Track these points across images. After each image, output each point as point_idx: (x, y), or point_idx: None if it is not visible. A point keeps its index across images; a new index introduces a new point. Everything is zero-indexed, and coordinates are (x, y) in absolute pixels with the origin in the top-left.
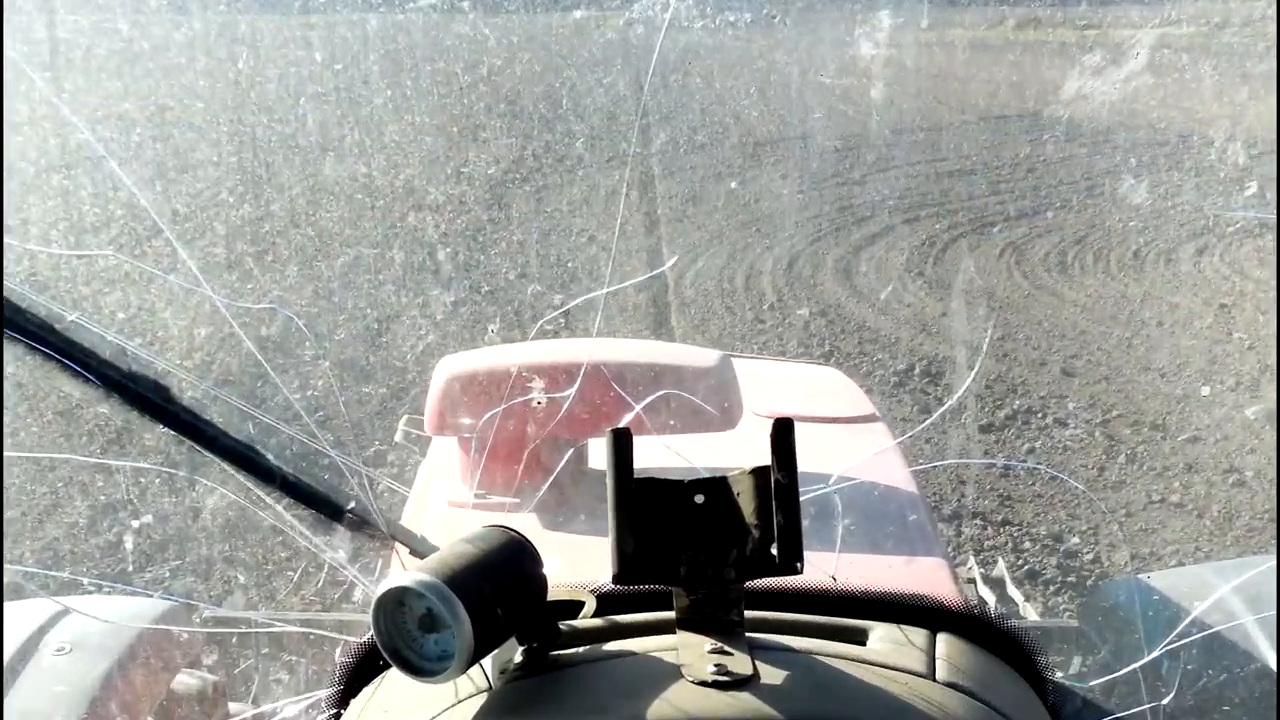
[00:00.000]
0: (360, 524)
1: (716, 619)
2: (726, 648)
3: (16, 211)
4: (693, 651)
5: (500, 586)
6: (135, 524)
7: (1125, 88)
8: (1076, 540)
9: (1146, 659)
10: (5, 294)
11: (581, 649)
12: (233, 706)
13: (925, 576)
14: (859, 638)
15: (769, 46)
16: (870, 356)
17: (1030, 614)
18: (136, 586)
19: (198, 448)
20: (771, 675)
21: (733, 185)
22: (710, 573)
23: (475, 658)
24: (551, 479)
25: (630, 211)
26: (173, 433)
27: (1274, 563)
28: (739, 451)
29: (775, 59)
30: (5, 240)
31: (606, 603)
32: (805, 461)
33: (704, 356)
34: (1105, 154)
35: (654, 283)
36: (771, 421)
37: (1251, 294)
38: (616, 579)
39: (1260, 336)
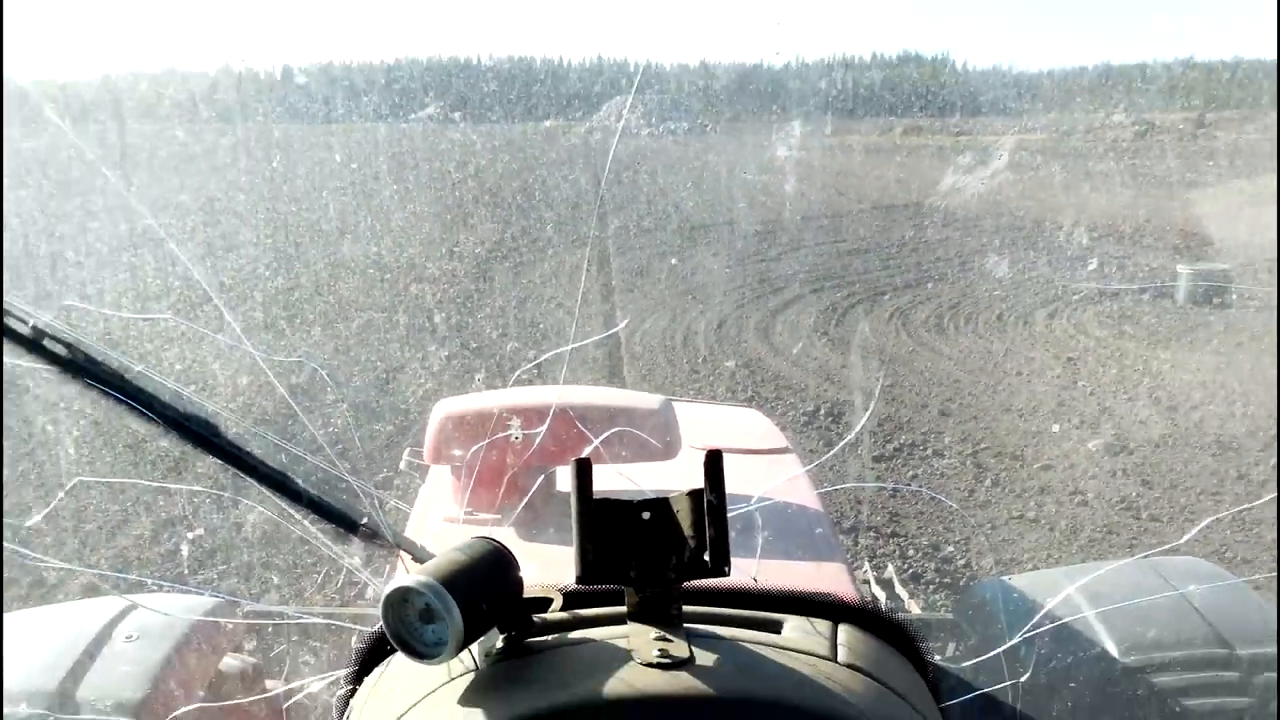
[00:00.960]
0: (372, 536)
1: (660, 612)
2: (668, 636)
3: (93, 283)
4: (641, 639)
5: (485, 586)
6: (190, 536)
7: (990, 183)
8: (951, 549)
9: (1008, 645)
10: (83, 349)
11: (551, 637)
12: (269, 684)
13: (829, 578)
14: (775, 628)
15: (703, 149)
16: (784, 400)
17: (914, 609)
18: (191, 586)
19: (240, 474)
20: (704, 658)
21: (673, 262)
22: (655, 575)
23: (464, 644)
24: (527, 499)
25: (590, 283)
26: (220, 462)
27: (1114, 566)
28: (678, 478)
29: (708, 160)
30: (85, 307)
31: (571, 599)
32: (732, 486)
33: (650, 400)
34: (974, 236)
35: (610, 340)
36: (704, 453)
37: (1093, 350)
38: (579, 580)
39: (1100, 384)
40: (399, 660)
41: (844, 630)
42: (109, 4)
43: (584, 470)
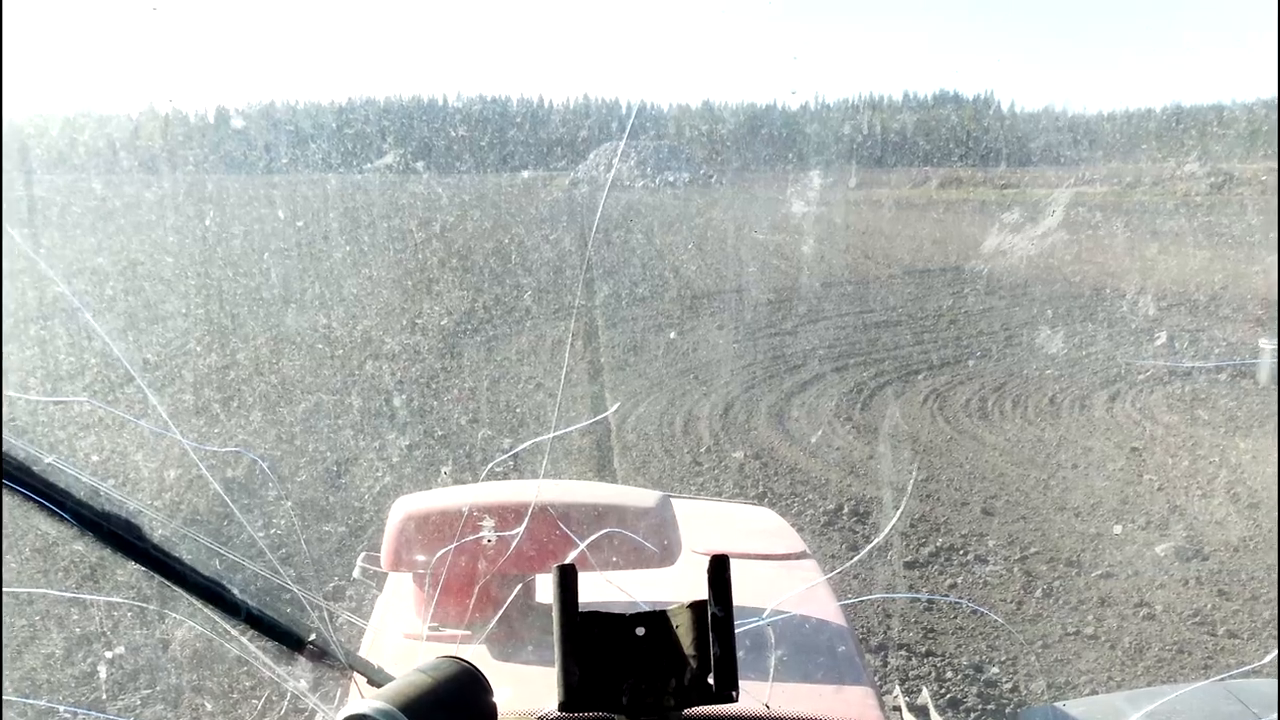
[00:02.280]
0: (320, 655)
1: None
2: None
3: None
4: None
5: (452, 713)
6: (109, 655)
7: (1042, 243)
8: (996, 670)
9: None
10: None
11: None
12: None
13: (853, 705)
14: None
15: (706, 205)
16: (801, 497)
17: None
18: (110, 715)
19: (167, 583)
20: None
21: (672, 335)
22: (651, 701)
23: None
24: (501, 612)
25: (575, 360)
26: (144, 569)
27: (1186, 689)
28: (678, 587)
29: (712, 216)
30: None
31: None
32: (740, 596)
33: (645, 497)
34: (1023, 305)
35: (598, 427)
36: (708, 559)
37: (1161, 438)
38: (562, 707)
39: (1169, 478)
40: None
41: None
42: (7, 35)
43: (568, 578)
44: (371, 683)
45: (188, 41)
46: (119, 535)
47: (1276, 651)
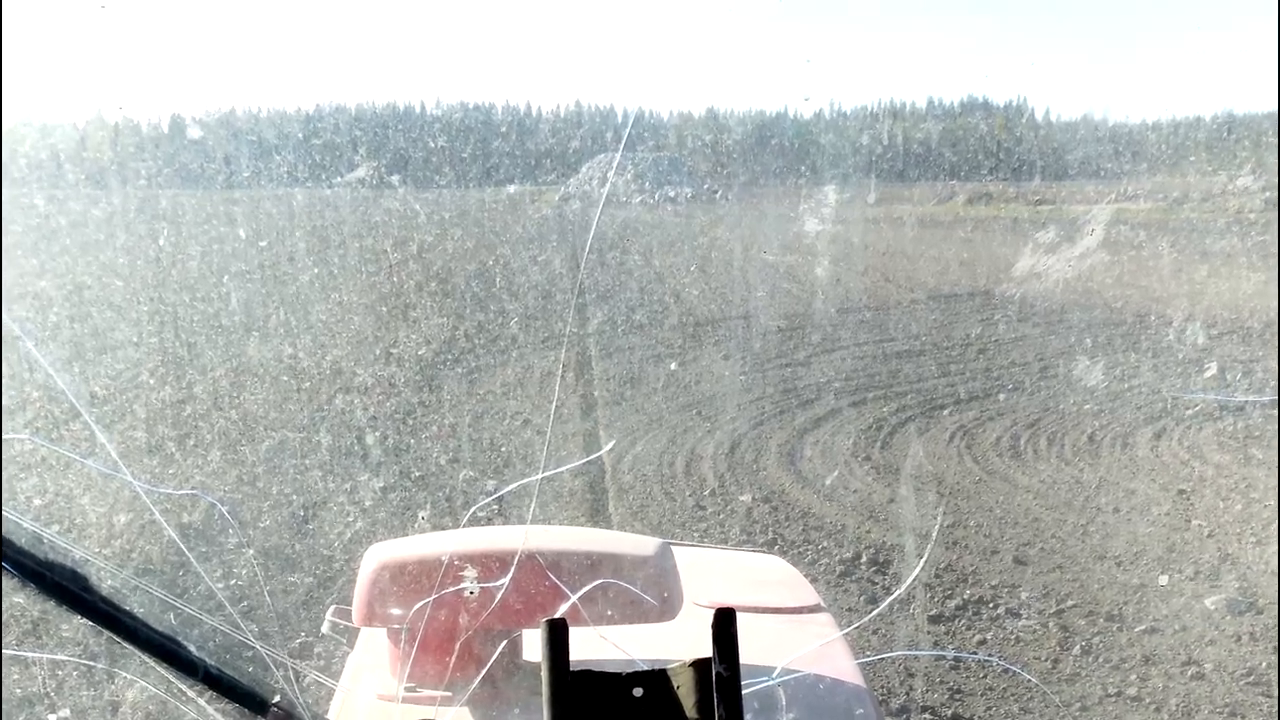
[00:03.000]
0: (286, 718)
1: None
2: None
3: None
4: None
5: None
6: (52, 718)
7: (1080, 265)
8: None
9: None
10: None
11: None
12: None
13: None
14: None
15: (710, 222)
16: (815, 544)
17: None
18: None
19: (117, 639)
20: None
21: (673, 366)
22: None
23: None
24: (484, 671)
25: (566, 394)
26: (91, 623)
27: None
28: (679, 643)
29: (717, 235)
30: None
31: None
32: (748, 653)
33: (643, 544)
34: (1059, 334)
35: (591, 468)
36: (713, 612)
37: (1211, 479)
38: None
39: (1220, 523)
40: None
41: None
42: None
43: (558, 634)
44: None
45: (139, 43)
46: (64, 586)
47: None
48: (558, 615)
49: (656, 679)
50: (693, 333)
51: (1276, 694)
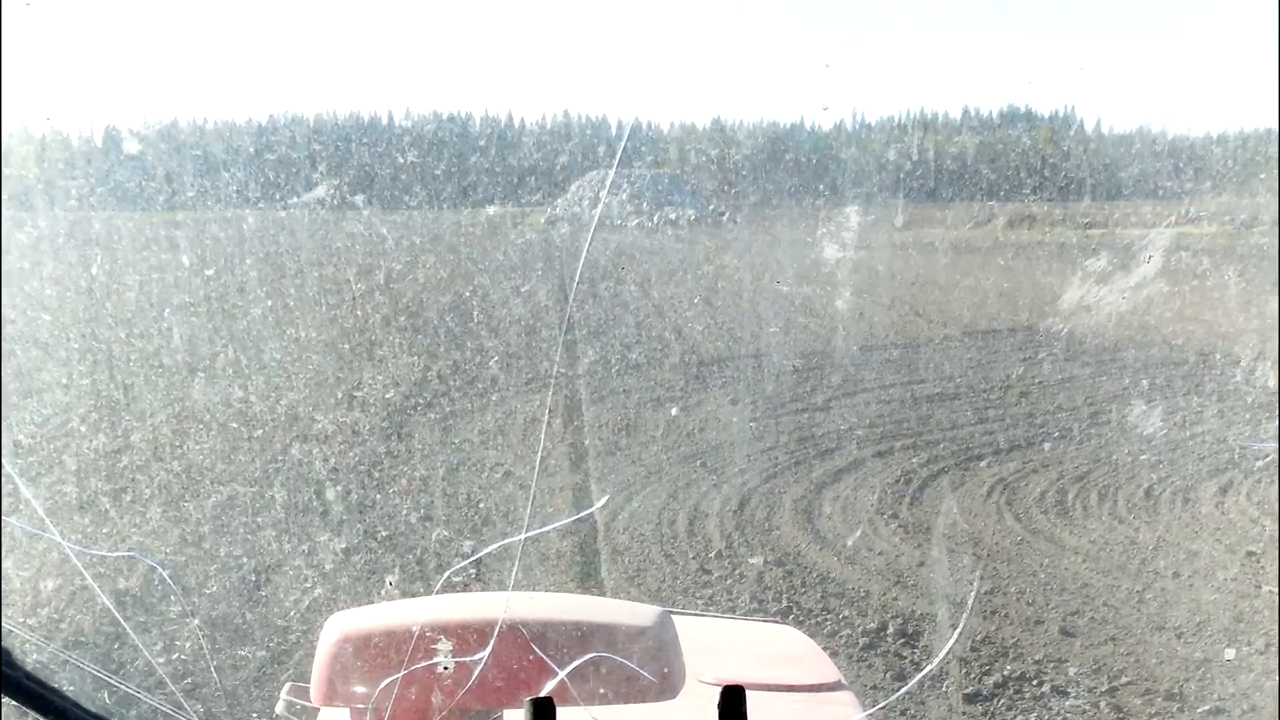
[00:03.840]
0: None
1: None
2: None
3: None
4: None
5: None
6: None
7: (1135, 296)
8: None
9: None
10: None
11: None
12: None
13: None
14: None
15: (716, 248)
16: (835, 613)
17: None
18: None
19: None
20: None
21: (674, 412)
22: None
23: None
24: None
25: (553, 443)
26: (14, 703)
27: None
28: None
29: (724, 263)
30: None
31: None
32: None
33: (640, 613)
34: (1112, 375)
35: (581, 526)
36: (719, 690)
37: None
38: None
39: None
40: None
41: None
42: None
43: (544, 714)
44: None
45: (70, 45)
46: None
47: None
48: (544, 693)
49: None
50: (696, 374)
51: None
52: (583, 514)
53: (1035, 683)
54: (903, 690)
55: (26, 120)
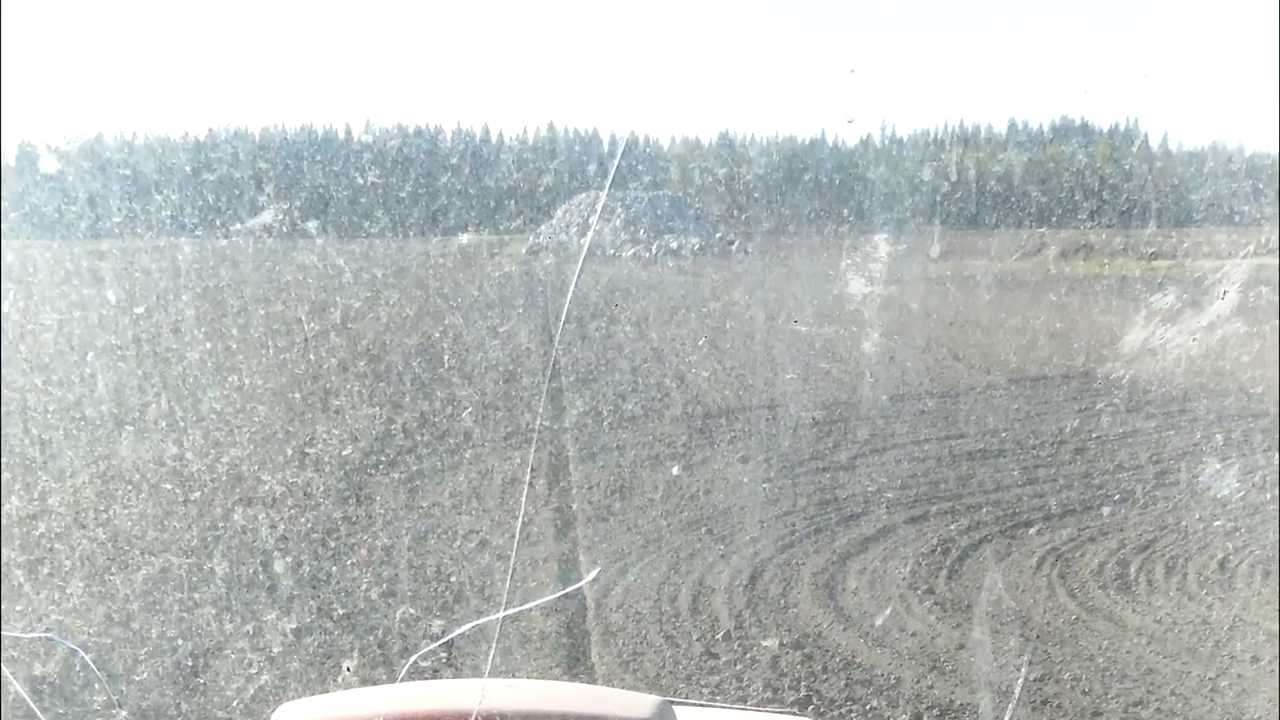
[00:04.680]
0: None
1: None
2: None
3: None
4: None
5: None
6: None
7: (1208, 338)
8: None
9: None
10: None
11: None
12: None
13: None
14: None
15: (724, 282)
16: (862, 703)
17: None
18: None
19: None
20: None
21: (675, 471)
22: None
23: None
24: None
25: (536, 507)
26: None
27: None
28: None
29: (733, 299)
30: None
31: None
32: None
33: (636, 704)
34: (1181, 428)
35: (568, 603)
36: None
37: None
38: None
39: None
40: None
41: None
42: None
43: None
44: None
45: None
46: None
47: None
48: None
49: None
50: (701, 427)
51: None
52: (570, 589)
53: None
54: None
55: None
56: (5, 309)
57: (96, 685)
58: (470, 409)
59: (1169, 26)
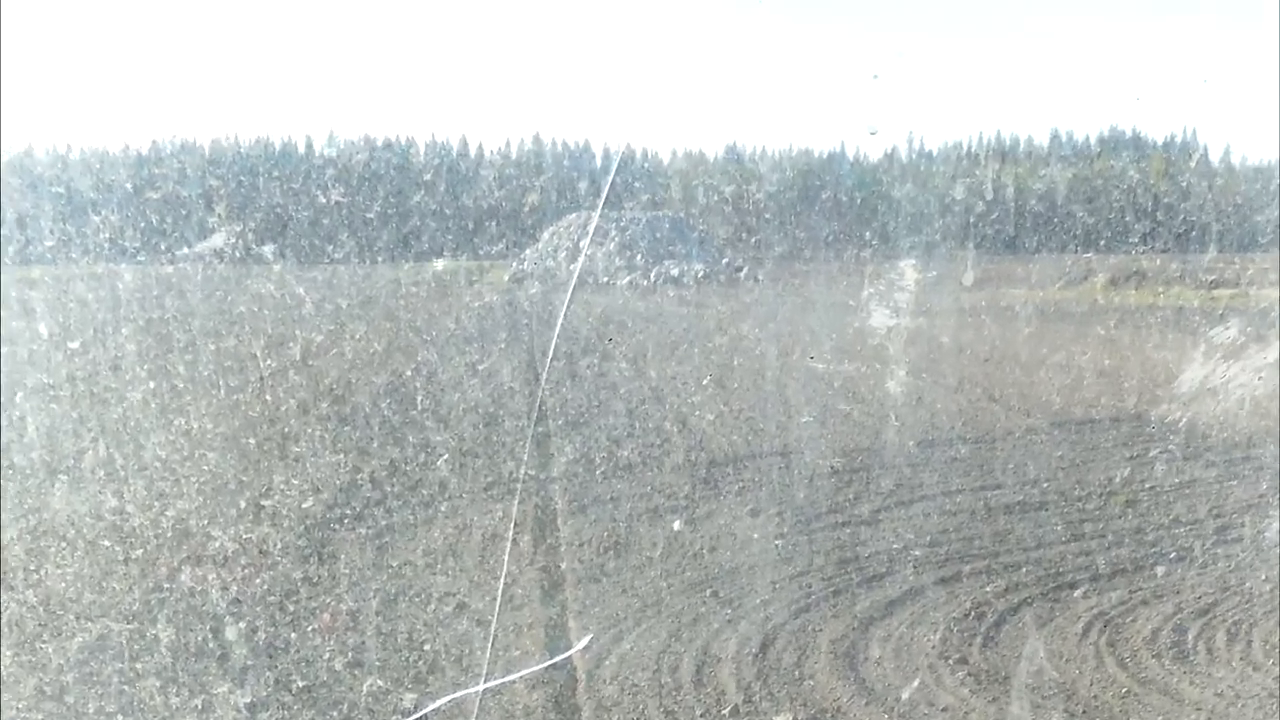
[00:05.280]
0: None
1: None
2: None
3: None
4: None
5: None
6: None
7: (1275, 377)
8: None
9: None
10: None
11: None
12: None
13: None
14: None
15: (732, 314)
16: None
17: None
18: None
19: None
20: None
21: (676, 526)
22: None
23: None
24: None
25: (520, 566)
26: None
27: None
28: None
29: (741, 333)
30: None
31: None
32: None
33: None
34: (1246, 478)
35: (556, 674)
36: None
37: None
38: None
39: None
40: None
41: None
42: None
43: None
44: None
45: None
46: None
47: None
48: None
49: None
50: (706, 476)
51: None
52: (558, 658)
53: None
54: None
55: None
56: None
57: None
58: (447, 456)
59: (1230, 28)
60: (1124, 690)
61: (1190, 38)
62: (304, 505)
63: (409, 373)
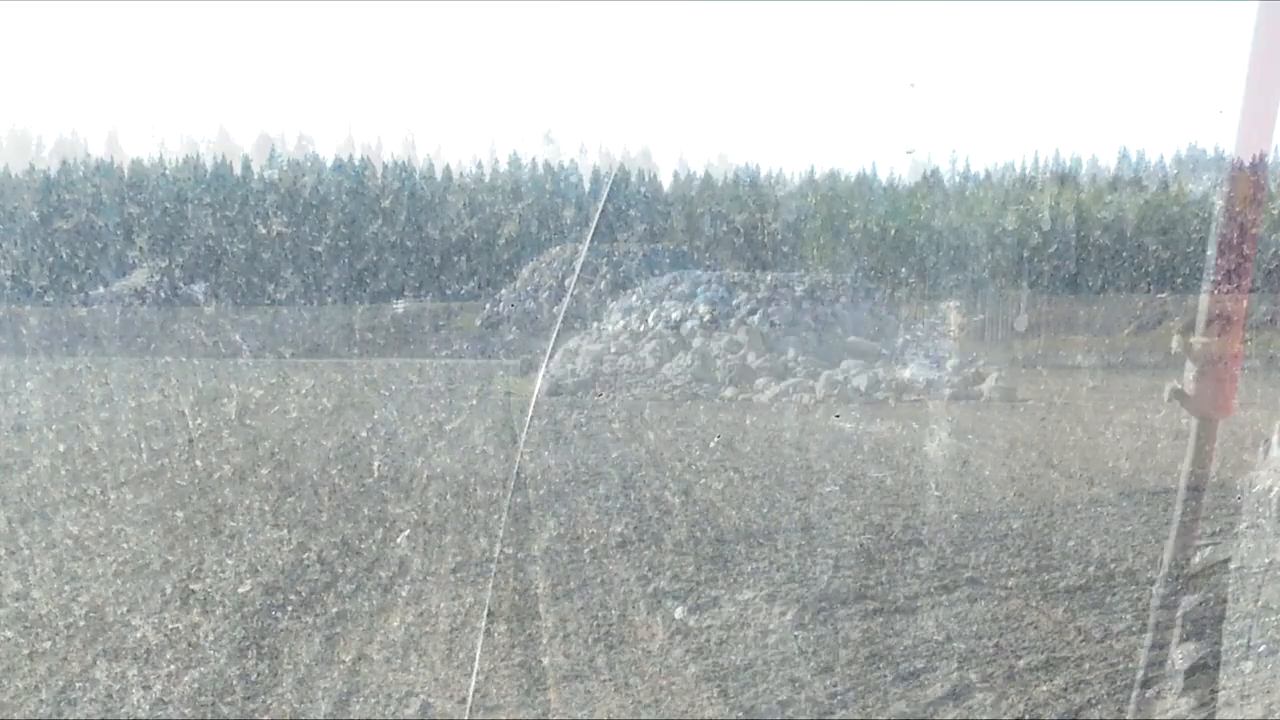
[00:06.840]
0: None
1: None
2: None
3: None
4: None
5: None
6: None
7: None
8: None
9: None
10: None
11: None
12: None
13: None
14: None
15: (743, 366)
16: None
17: None
18: None
19: None
20: None
21: (678, 613)
22: None
23: None
24: None
25: (494, 661)
26: None
27: None
28: None
29: (754, 388)
30: None
31: None
32: None
33: None
34: None
35: None
36: None
37: None
38: None
39: None
40: None
41: None
42: None
43: None
44: None
45: None
46: None
47: None
48: None
49: None
50: (713, 555)
51: None
52: None
53: None
54: None
55: None
56: None
57: None
58: (407, 530)
59: None
60: None
61: None
62: (241, 589)
63: (363, 433)
